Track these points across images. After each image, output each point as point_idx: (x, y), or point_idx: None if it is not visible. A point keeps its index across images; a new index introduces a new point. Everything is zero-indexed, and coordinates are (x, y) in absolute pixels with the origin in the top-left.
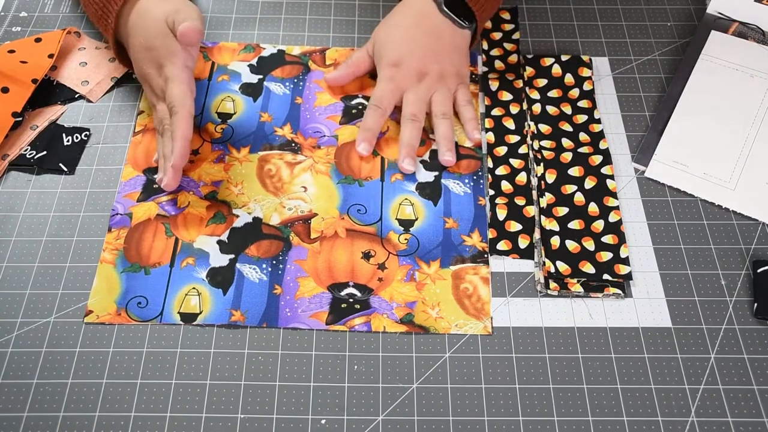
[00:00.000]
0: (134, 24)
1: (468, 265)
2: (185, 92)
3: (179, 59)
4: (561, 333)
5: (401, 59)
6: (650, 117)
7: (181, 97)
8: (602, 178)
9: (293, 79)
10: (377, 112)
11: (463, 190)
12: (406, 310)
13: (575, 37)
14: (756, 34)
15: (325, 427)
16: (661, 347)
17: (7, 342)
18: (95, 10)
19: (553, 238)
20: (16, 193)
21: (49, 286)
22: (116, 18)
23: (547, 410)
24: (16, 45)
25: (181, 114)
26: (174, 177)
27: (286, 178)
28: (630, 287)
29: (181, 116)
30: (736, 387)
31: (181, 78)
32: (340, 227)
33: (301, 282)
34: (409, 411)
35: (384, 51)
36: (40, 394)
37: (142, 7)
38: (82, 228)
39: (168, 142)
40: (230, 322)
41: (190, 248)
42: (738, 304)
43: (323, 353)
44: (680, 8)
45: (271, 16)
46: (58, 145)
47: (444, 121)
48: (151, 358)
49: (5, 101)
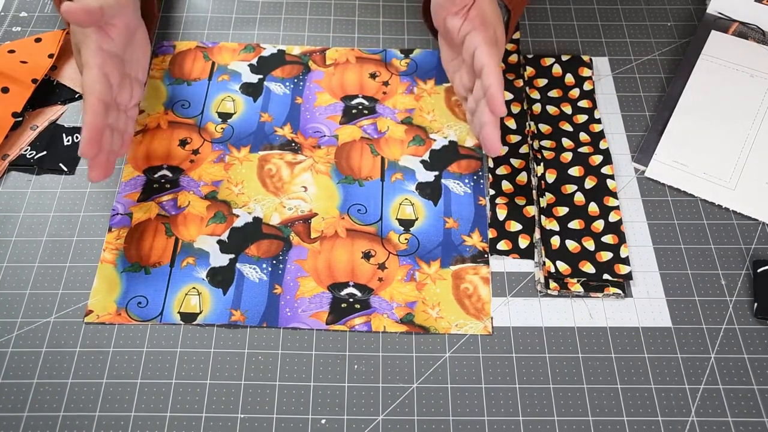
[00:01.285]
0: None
1: (468, 265)
2: (94, 78)
3: (92, 41)
4: (561, 333)
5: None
6: (650, 117)
7: (89, 83)
8: (602, 178)
9: (293, 79)
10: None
11: (464, 190)
12: (407, 310)
13: (575, 37)
14: (756, 34)
15: (325, 426)
16: (661, 347)
17: (7, 342)
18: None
19: (553, 238)
20: (16, 193)
21: (49, 286)
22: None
23: (547, 410)
24: (16, 45)
25: (89, 101)
26: (95, 170)
27: (286, 177)
28: (630, 287)
29: (89, 103)
30: (736, 387)
31: (92, 63)
32: (341, 227)
33: (301, 282)
34: (409, 411)
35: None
36: (40, 394)
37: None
38: (82, 228)
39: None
40: (230, 321)
41: (191, 248)
42: (738, 304)
43: (323, 353)
44: (680, 8)
45: (271, 16)
46: (58, 145)
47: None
48: (151, 358)
49: (5, 101)
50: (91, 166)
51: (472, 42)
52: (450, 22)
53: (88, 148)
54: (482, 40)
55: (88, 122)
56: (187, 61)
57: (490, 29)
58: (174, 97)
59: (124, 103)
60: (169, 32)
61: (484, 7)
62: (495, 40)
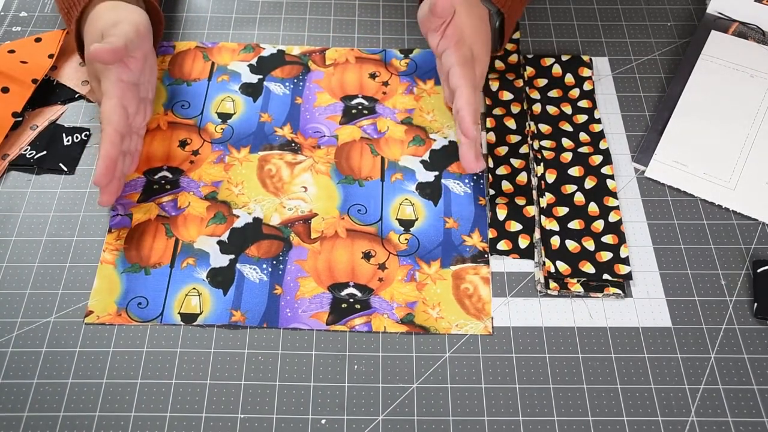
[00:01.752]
0: (85, 32)
1: (468, 265)
2: (113, 108)
3: (112, 73)
4: (561, 333)
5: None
6: (650, 117)
7: (108, 113)
8: (602, 178)
9: (293, 79)
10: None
11: (464, 190)
12: (407, 310)
13: (575, 37)
14: (756, 34)
15: (325, 427)
16: (661, 347)
17: (7, 342)
18: (64, 13)
19: (553, 238)
20: (16, 193)
21: (49, 286)
22: (76, 24)
23: (547, 410)
24: (16, 45)
25: (106, 131)
26: (106, 195)
27: (286, 178)
28: (630, 287)
29: (107, 133)
30: (736, 387)
31: (111, 93)
32: (341, 227)
33: (301, 282)
34: (409, 411)
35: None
36: (40, 394)
37: (94, 14)
38: (82, 228)
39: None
40: (231, 322)
41: (191, 249)
42: (738, 304)
43: (323, 353)
44: (680, 8)
45: (271, 16)
46: (58, 145)
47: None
48: (151, 358)
49: (5, 101)
50: (103, 191)
51: (448, 61)
52: (430, 38)
53: (103, 178)
54: (456, 60)
55: (104, 153)
56: (186, 61)
57: (464, 48)
58: (173, 97)
59: (137, 125)
60: (169, 32)
61: (461, 24)
62: (469, 59)
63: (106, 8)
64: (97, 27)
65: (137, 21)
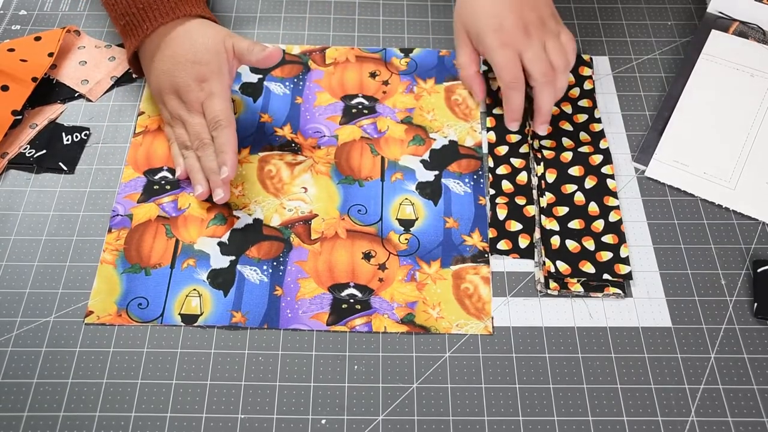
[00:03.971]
0: (178, 37)
1: (468, 264)
2: (231, 108)
3: (225, 78)
4: (561, 333)
5: (501, 20)
6: (650, 116)
7: (228, 112)
8: (602, 178)
9: (293, 79)
10: (516, 88)
11: (464, 190)
12: (407, 310)
13: (575, 36)
14: (756, 34)
15: (325, 427)
16: (661, 347)
17: (6, 341)
18: (121, 16)
19: (553, 238)
20: (15, 192)
21: (49, 285)
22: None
23: (547, 410)
24: (15, 43)
25: (230, 129)
26: (228, 190)
27: (286, 178)
28: (630, 287)
29: (231, 131)
30: (736, 387)
31: (225, 95)
32: (341, 228)
33: (301, 283)
34: (409, 411)
35: (479, 23)
36: (40, 394)
37: (190, 26)
38: (82, 227)
39: (211, 156)
40: (231, 323)
41: (191, 249)
42: (738, 304)
43: (323, 353)
44: (681, 7)
45: (271, 14)
46: (58, 144)
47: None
48: (151, 359)
49: (5, 99)
50: (226, 187)
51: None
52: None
53: (234, 172)
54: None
55: (233, 149)
56: None
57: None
58: None
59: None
60: None
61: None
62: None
63: (197, 23)
64: (210, 35)
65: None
